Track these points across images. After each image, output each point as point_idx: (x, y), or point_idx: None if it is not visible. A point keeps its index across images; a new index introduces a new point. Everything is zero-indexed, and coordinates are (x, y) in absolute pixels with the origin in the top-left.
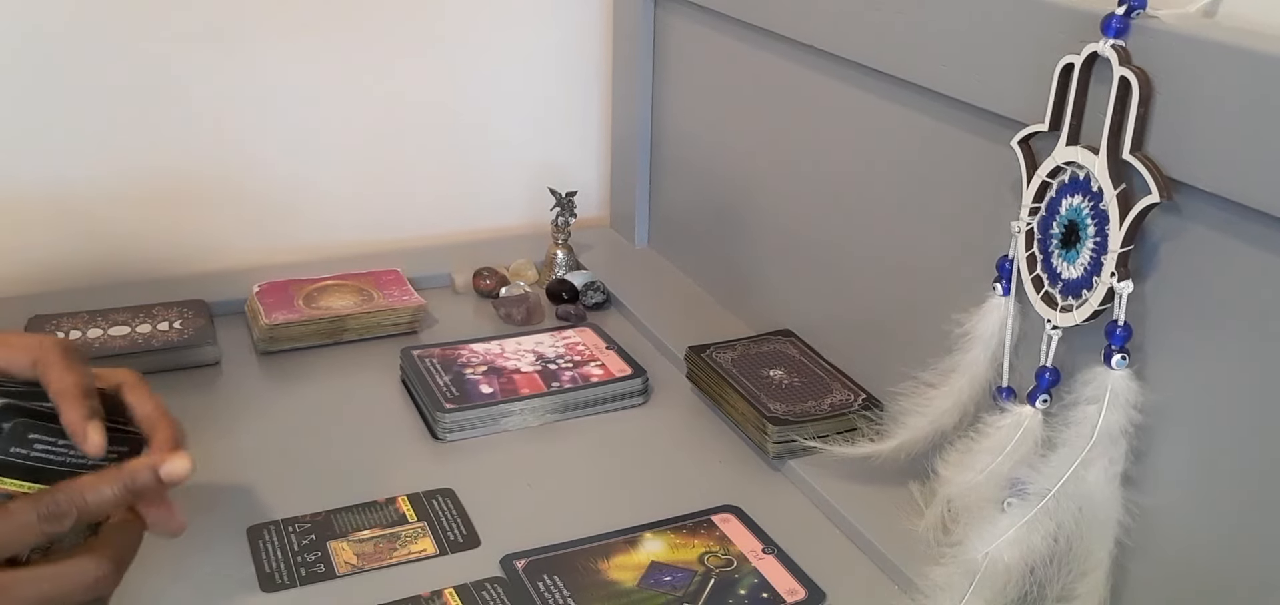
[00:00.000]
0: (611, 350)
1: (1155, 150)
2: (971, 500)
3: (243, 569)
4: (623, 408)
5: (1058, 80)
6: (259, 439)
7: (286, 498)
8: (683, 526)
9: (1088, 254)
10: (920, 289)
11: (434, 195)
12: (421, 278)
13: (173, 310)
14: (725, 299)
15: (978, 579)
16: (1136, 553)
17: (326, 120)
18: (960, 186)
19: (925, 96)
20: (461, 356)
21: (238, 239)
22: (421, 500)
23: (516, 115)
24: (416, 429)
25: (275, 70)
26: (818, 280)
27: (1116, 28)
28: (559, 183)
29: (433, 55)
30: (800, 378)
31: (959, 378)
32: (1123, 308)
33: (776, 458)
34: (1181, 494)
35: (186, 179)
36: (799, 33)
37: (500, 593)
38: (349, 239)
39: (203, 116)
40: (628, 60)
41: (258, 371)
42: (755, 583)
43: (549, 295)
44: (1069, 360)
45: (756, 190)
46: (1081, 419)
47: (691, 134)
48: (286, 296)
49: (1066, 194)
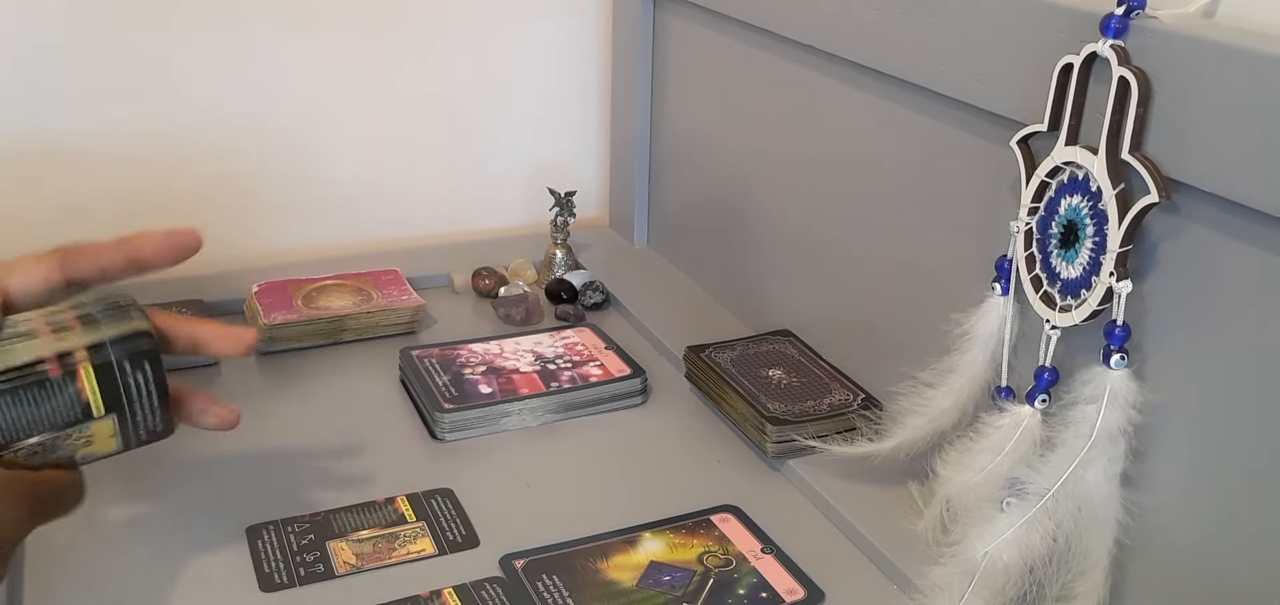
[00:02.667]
0: (610, 350)
1: (1154, 150)
2: (970, 500)
3: (242, 569)
4: (622, 407)
5: (1057, 80)
6: (258, 439)
7: (285, 498)
8: (682, 526)
9: (1087, 254)
10: (919, 289)
11: (433, 195)
12: (420, 278)
13: (171, 310)
14: (724, 299)
15: (977, 579)
16: (1136, 552)
17: (325, 120)
18: (959, 186)
19: (924, 96)
20: (460, 356)
21: (236, 239)
22: (420, 500)
23: (515, 115)
24: (415, 429)
25: (274, 71)
26: (817, 280)
27: (1116, 28)
28: (558, 182)
29: (432, 55)
30: (799, 377)
31: (958, 377)
32: (1121, 307)
33: (775, 457)
34: (1180, 493)
35: (185, 179)
36: (799, 33)
37: (499, 593)
38: (348, 239)
39: (201, 116)
40: (627, 60)
41: (256, 372)
42: (754, 582)
43: (548, 295)
44: (1068, 360)
45: (756, 190)
46: (1080, 419)
47: (691, 134)
48: (285, 296)
49: (1065, 194)
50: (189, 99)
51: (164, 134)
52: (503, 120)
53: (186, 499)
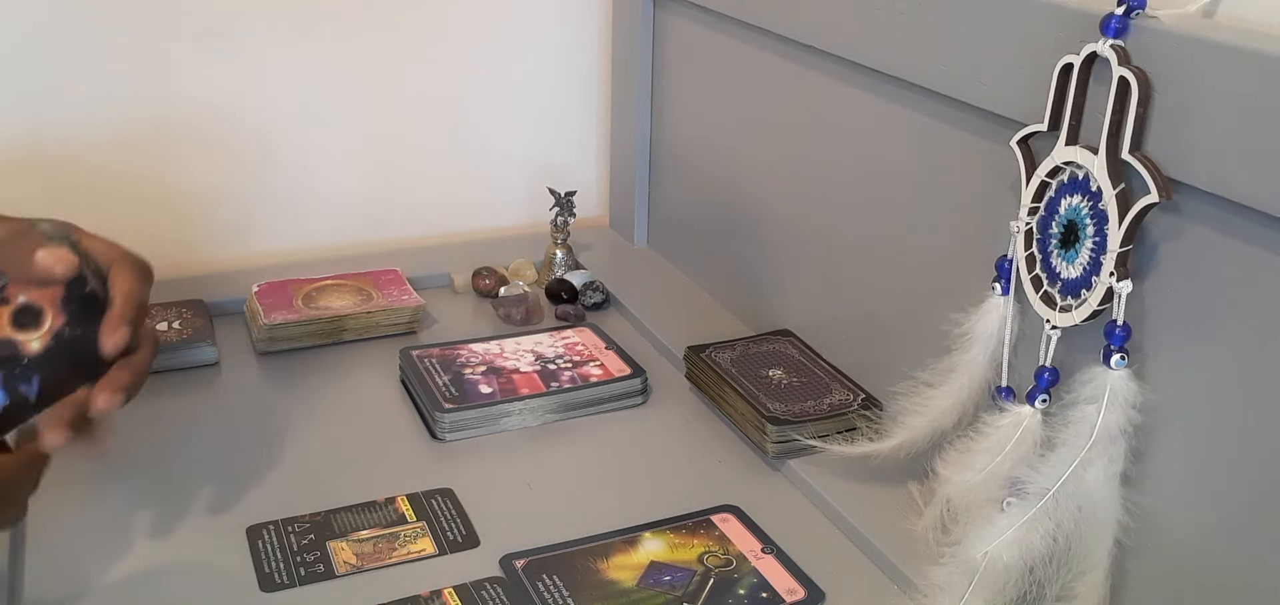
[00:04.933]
0: (611, 350)
1: (1154, 150)
2: (971, 500)
3: (242, 569)
4: (622, 407)
5: (1057, 80)
6: (258, 439)
7: (286, 498)
8: (682, 526)
9: (1087, 254)
10: (919, 288)
11: (433, 195)
12: (420, 278)
13: (171, 310)
14: (724, 299)
15: (977, 578)
16: (1135, 552)
17: (325, 120)
18: (959, 186)
19: (925, 96)
20: (461, 356)
21: (236, 239)
22: (421, 500)
23: (516, 115)
24: (416, 429)
25: (275, 71)
26: (817, 280)
27: (1116, 28)
28: (558, 183)
29: (432, 55)
30: (799, 377)
31: (958, 377)
32: (1121, 307)
33: (776, 457)
34: (1180, 493)
35: (185, 178)
36: (799, 33)
37: (499, 592)
38: (348, 239)
39: (202, 117)
40: (627, 60)
41: (257, 371)
42: (754, 582)
43: (548, 295)
44: (1068, 360)
45: (756, 190)
46: (1080, 419)
47: (691, 134)
48: (285, 296)
49: (1065, 194)
50: (190, 99)
51: (164, 134)
52: (503, 120)
53: (186, 499)
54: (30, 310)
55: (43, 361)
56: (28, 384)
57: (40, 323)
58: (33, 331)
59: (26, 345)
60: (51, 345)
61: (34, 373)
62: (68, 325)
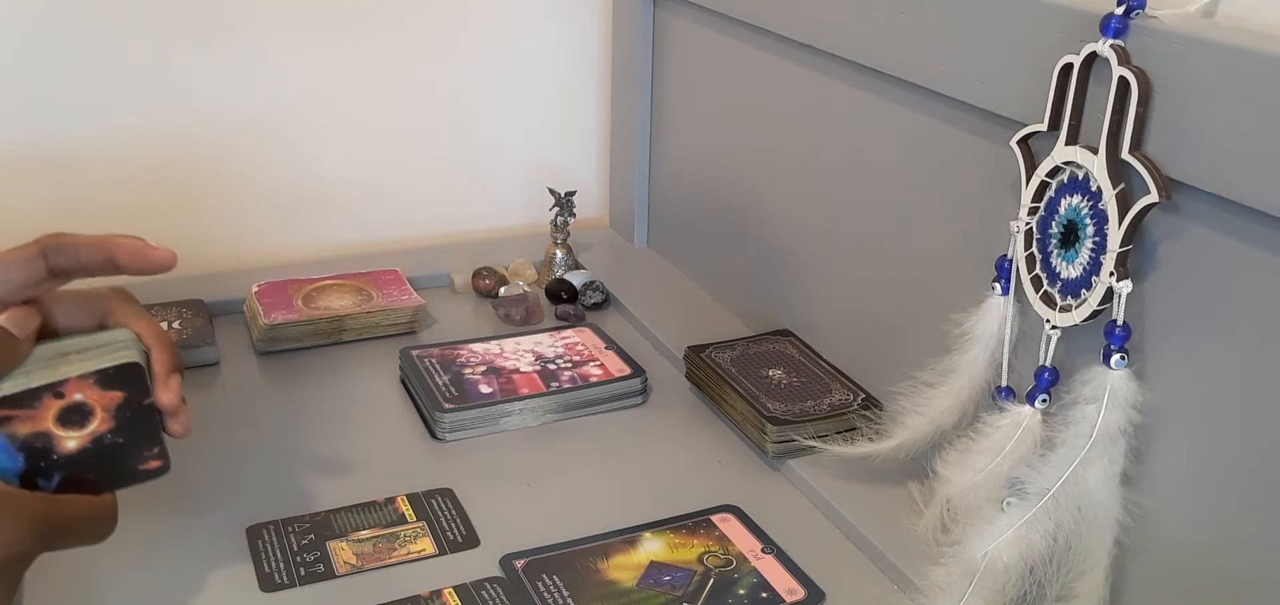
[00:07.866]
0: (611, 350)
1: (1154, 150)
2: (971, 500)
3: (242, 569)
4: (622, 407)
5: (1057, 80)
6: (258, 439)
7: (285, 498)
8: (682, 526)
9: (1087, 254)
10: (919, 288)
11: (433, 195)
12: (420, 278)
13: (171, 310)
14: (724, 299)
15: (977, 579)
16: (1136, 552)
17: (326, 120)
18: (959, 186)
19: (924, 96)
20: (460, 356)
21: (236, 239)
22: (421, 500)
23: (516, 115)
24: (416, 429)
25: (275, 71)
26: (817, 280)
27: (1115, 28)
28: (558, 183)
29: (432, 55)
30: (799, 377)
31: (958, 377)
32: (1121, 307)
33: (775, 457)
34: (1181, 493)
35: (186, 179)
36: (799, 33)
37: (499, 592)
38: (348, 239)
39: (202, 117)
40: (627, 60)
41: (256, 371)
42: (754, 582)
43: (548, 295)
44: (1068, 360)
45: (756, 190)
46: (1080, 419)
47: (691, 133)
48: (285, 296)
49: (1065, 194)
50: (190, 99)
51: (164, 134)
52: (503, 120)
53: (186, 499)
54: (81, 410)
55: (72, 461)
56: (48, 479)
57: (86, 424)
58: (75, 431)
59: (63, 443)
60: (88, 448)
61: (58, 471)
62: (112, 433)
